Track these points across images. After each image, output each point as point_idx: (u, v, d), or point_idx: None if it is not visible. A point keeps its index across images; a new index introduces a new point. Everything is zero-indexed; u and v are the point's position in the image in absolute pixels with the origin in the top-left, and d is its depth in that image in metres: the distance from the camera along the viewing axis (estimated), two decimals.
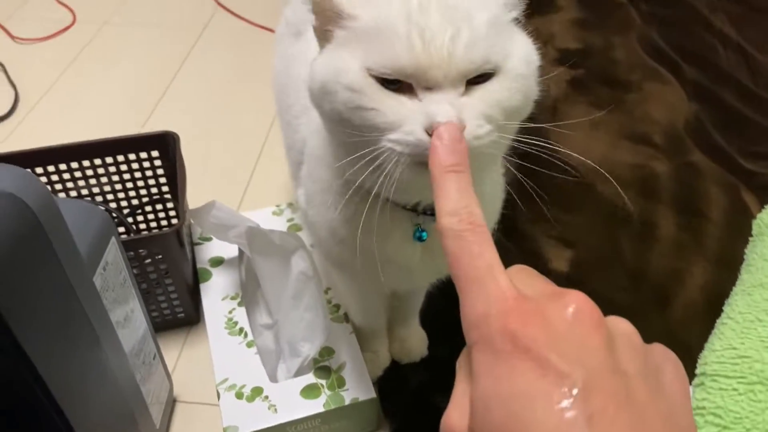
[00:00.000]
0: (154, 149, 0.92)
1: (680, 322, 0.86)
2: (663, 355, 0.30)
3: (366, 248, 0.56)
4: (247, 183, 1.12)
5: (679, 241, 0.96)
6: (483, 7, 0.46)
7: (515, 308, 0.28)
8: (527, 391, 0.26)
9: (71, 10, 1.58)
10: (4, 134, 1.22)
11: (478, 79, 0.45)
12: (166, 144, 0.92)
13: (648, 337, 0.31)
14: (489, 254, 0.31)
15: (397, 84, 0.44)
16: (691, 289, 0.90)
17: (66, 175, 0.91)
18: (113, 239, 0.64)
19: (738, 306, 0.74)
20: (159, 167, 0.94)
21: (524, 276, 0.32)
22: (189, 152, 0.91)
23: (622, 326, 0.30)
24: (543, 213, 0.96)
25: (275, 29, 1.45)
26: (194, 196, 0.90)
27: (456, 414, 0.29)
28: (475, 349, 0.29)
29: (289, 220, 1.00)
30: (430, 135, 0.41)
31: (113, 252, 0.64)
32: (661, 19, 1.46)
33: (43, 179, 0.90)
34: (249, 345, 0.81)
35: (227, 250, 0.93)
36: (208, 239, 0.95)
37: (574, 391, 0.26)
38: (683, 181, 1.06)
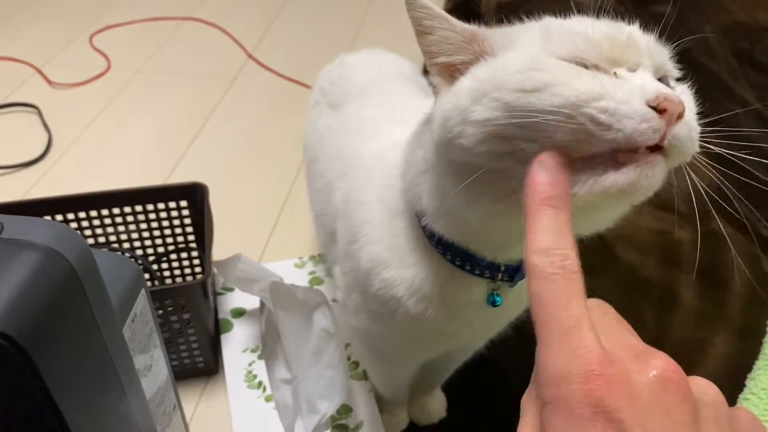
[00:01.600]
0: (183, 199, 0.94)
1: None
2: (746, 417, 0.29)
3: (448, 303, 0.56)
4: (270, 234, 1.14)
5: (701, 311, 0.96)
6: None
7: (600, 373, 0.26)
8: None
9: (106, 57, 1.63)
10: (38, 176, 1.25)
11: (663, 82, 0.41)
12: (194, 194, 0.94)
13: None
14: (578, 307, 0.28)
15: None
16: (712, 361, 0.89)
17: (96, 222, 0.93)
18: (143, 291, 0.65)
19: (761, 382, 0.73)
20: (186, 217, 0.96)
21: (607, 324, 0.30)
22: (213, 200, 0.93)
23: (709, 393, 0.28)
24: None
25: (304, 82, 1.50)
26: (217, 245, 0.91)
27: None
28: (551, 409, 0.27)
29: (310, 273, 1.01)
30: (656, 110, 0.35)
31: (142, 304, 0.65)
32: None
33: (73, 225, 0.92)
34: (267, 399, 0.81)
35: (249, 301, 0.94)
36: (231, 290, 0.96)
37: None
38: (705, 249, 1.06)
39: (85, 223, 0.92)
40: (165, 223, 0.96)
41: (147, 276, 0.95)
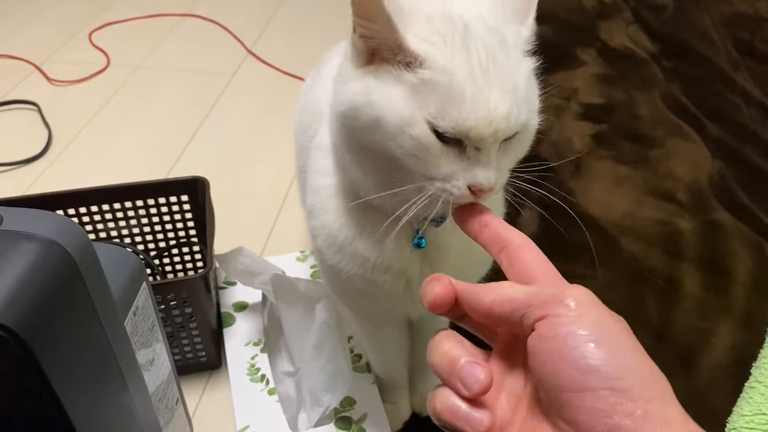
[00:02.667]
0: (184, 194, 0.94)
1: (706, 384, 0.85)
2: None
3: (362, 254, 0.58)
4: (271, 228, 1.13)
5: (705, 301, 0.96)
6: (519, 63, 0.49)
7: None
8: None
9: (106, 55, 1.62)
10: (38, 173, 1.25)
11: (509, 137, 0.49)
12: (195, 188, 0.94)
13: None
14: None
15: (448, 138, 0.47)
16: (717, 350, 0.89)
17: (97, 217, 0.92)
18: (144, 284, 0.65)
19: (767, 370, 0.73)
20: (188, 211, 0.96)
21: None
22: (214, 195, 0.93)
23: None
24: (567, 268, 0.96)
25: (303, 77, 1.49)
26: (218, 240, 0.91)
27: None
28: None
29: (312, 267, 1.01)
30: (470, 190, 0.48)
31: (143, 297, 0.65)
32: (684, 76, 1.48)
33: (74, 220, 0.92)
34: (270, 392, 0.81)
35: (251, 295, 0.94)
36: (233, 284, 0.96)
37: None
38: (708, 239, 1.06)
39: (86, 218, 0.92)
40: (166, 218, 0.95)
41: (149, 271, 0.95)
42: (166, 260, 0.99)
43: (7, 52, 1.60)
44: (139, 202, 0.93)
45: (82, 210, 0.91)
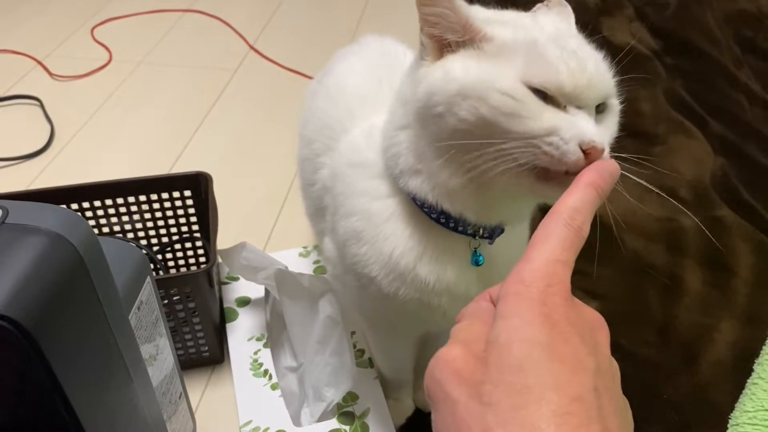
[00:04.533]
0: (186, 189, 0.94)
1: (709, 380, 0.85)
2: (595, 318, 0.35)
3: (423, 279, 0.58)
4: (274, 223, 1.13)
5: (707, 297, 0.96)
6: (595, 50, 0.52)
7: (560, 285, 0.33)
8: (551, 347, 0.30)
9: (108, 50, 1.62)
10: (40, 167, 1.25)
11: (600, 108, 0.50)
12: (198, 184, 0.94)
13: (677, 396, 0.34)
14: (569, 256, 0.34)
15: (547, 99, 0.47)
16: (719, 347, 0.89)
17: (100, 212, 0.92)
18: (148, 279, 0.65)
19: None
20: (190, 206, 0.96)
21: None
22: (217, 191, 0.93)
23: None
24: None
25: (305, 73, 1.49)
26: (221, 235, 0.91)
27: (457, 349, 0.33)
28: (514, 297, 0.33)
29: (315, 262, 1.01)
30: (584, 151, 0.45)
31: (148, 291, 0.65)
32: (687, 73, 1.47)
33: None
34: (273, 387, 0.81)
35: (254, 290, 0.94)
36: (236, 278, 0.96)
37: (589, 369, 0.31)
38: (710, 236, 1.06)
39: (89, 213, 0.92)
40: (169, 213, 0.95)
41: (152, 266, 0.95)
42: (169, 255, 0.99)
43: (10, 47, 1.60)
44: (142, 197, 0.93)
45: (86, 205, 0.91)
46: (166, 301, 0.81)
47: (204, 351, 0.88)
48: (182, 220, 0.97)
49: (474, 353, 0.32)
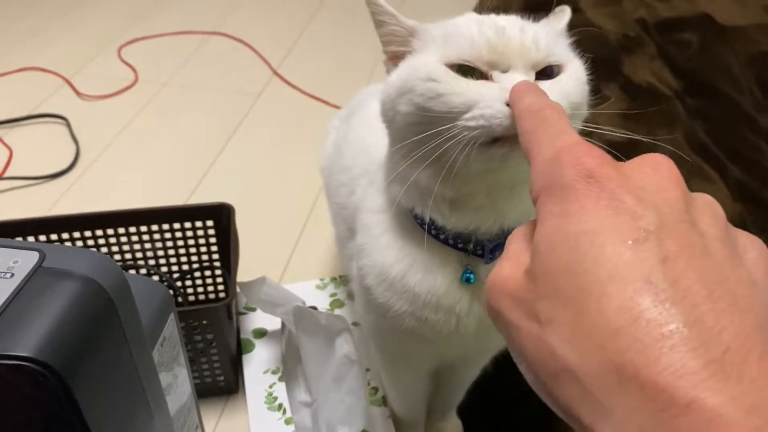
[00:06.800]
0: (209, 218, 0.96)
1: None
2: (748, 238, 0.28)
3: (412, 290, 0.58)
4: (291, 254, 1.14)
5: None
6: (543, 26, 0.53)
7: (590, 151, 0.28)
8: (598, 228, 0.25)
9: (134, 70, 1.65)
10: (65, 187, 1.27)
11: (546, 72, 0.49)
12: (221, 214, 0.95)
13: None
14: (566, 123, 0.31)
15: (473, 74, 0.48)
16: None
17: (123, 239, 0.94)
18: (172, 315, 0.66)
19: None
20: (212, 236, 0.97)
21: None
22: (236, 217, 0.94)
23: (705, 196, 0.29)
24: None
25: (327, 100, 1.51)
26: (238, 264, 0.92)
27: (507, 266, 0.29)
28: (542, 196, 0.28)
29: (332, 295, 1.02)
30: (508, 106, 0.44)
31: (171, 327, 0.66)
32: (707, 115, 1.48)
33: (102, 241, 0.93)
34: (287, 422, 0.82)
35: (271, 321, 0.95)
36: (253, 309, 0.97)
37: (648, 232, 0.25)
38: None
39: (113, 240, 0.94)
40: (191, 242, 0.97)
41: (171, 292, 0.97)
42: (188, 282, 1.00)
43: (39, 65, 1.63)
44: (165, 226, 0.95)
45: (110, 231, 0.93)
46: (185, 332, 0.82)
47: (220, 381, 0.89)
48: (203, 249, 0.98)
49: (524, 268, 0.28)
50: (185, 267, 0.99)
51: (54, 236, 0.91)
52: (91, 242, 0.93)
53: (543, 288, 0.26)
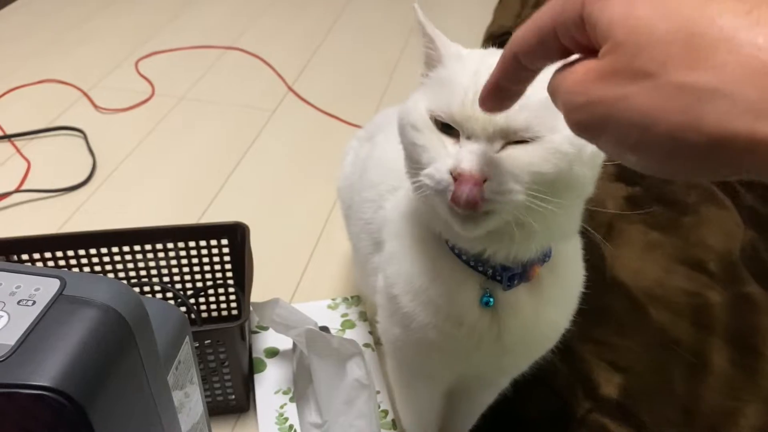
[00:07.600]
0: (224, 237, 0.97)
1: None
2: None
3: (435, 302, 0.59)
4: (302, 273, 1.15)
5: (733, 378, 0.95)
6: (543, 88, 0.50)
7: None
8: None
9: (151, 83, 1.67)
10: (82, 199, 1.28)
11: (519, 142, 0.49)
12: (236, 233, 0.96)
13: None
14: None
15: (452, 131, 0.50)
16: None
17: (138, 255, 0.95)
18: (187, 338, 0.67)
19: None
20: (226, 254, 0.98)
21: None
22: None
23: None
24: (595, 331, 0.96)
25: (342, 117, 1.52)
26: None
27: (578, 67, 0.30)
28: None
29: (343, 315, 1.02)
30: (455, 178, 0.47)
31: (186, 350, 0.67)
32: None
33: (117, 258, 0.94)
34: None
35: (283, 341, 0.96)
36: (265, 328, 0.98)
37: None
38: (738, 313, 1.05)
39: (128, 257, 0.95)
40: (205, 260, 0.98)
41: (184, 309, 0.98)
42: (201, 299, 1.01)
43: (57, 77, 1.65)
44: (181, 243, 0.96)
45: (126, 248, 0.94)
46: (198, 352, 0.83)
47: (231, 399, 0.90)
48: (217, 267, 0.99)
49: (593, 61, 0.29)
50: (199, 284, 1.00)
51: (70, 252, 0.92)
52: (107, 259, 0.94)
53: (635, 47, 0.27)
